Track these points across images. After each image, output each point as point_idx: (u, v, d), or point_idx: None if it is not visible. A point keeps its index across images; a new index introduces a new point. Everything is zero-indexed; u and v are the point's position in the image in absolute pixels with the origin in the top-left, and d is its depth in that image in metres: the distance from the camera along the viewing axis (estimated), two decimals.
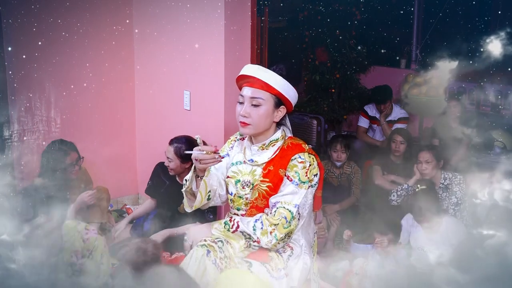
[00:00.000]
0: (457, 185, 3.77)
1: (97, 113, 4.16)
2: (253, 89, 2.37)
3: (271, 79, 2.36)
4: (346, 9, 5.69)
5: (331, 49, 5.71)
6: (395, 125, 4.95)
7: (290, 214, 2.33)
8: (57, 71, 3.88)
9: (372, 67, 5.98)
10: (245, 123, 2.37)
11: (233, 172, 2.52)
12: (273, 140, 2.44)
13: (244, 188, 2.47)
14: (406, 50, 6.05)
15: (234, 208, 2.52)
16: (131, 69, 4.29)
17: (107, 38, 4.06)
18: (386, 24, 5.93)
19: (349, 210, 4.21)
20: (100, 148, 4.08)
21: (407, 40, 6.04)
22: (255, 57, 3.62)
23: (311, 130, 5.33)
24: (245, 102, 2.38)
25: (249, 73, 2.39)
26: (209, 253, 2.28)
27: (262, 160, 2.44)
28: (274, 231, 2.32)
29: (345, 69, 5.75)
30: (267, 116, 2.38)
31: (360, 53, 5.73)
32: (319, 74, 5.74)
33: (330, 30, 5.66)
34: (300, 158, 2.38)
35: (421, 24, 5.95)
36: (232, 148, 2.59)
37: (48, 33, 3.75)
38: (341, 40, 5.68)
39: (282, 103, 2.41)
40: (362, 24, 5.80)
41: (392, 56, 6.11)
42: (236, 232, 2.37)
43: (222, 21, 3.42)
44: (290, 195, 2.35)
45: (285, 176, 2.38)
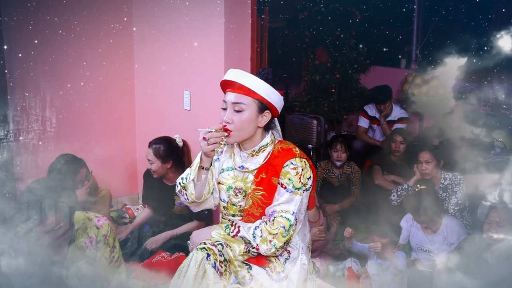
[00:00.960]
0: (457, 185, 3.76)
1: (95, 112, 4.10)
2: (236, 94, 2.30)
3: (253, 84, 2.29)
4: (346, 9, 5.68)
5: (331, 49, 5.69)
6: (395, 125, 4.93)
7: (288, 222, 2.29)
8: (53, 70, 3.81)
9: (372, 67, 5.94)
10: (227, 129, 2.28)
11: (224, 178, 2.46)
12: (262, 145, 2.38)
13: (237, 195, 2.42)
14: (407, 50, 6.03)
15: (228, 215, 2.47)
16: (129, 68, 4.24)
17: (104, 37, 4.00)
18: (386, 24, 5.91)
19: (349, 210, 4.21)
20: (99, 148, 4.02)
21: (408, 40, 6.02)
22: (255, 56, 3.60)
23: (311, 130, 5.32)
24: (228, 108, 2.31)
25: (231, 78, 2.32)
26: (209, 256, 2.25)
27: (253, 166, 2.38)
28: (274, 239, 2.29)
29: (345, 69, 5.74)
30: (250, 121, 2.30)
31: (360, 53, 5.72)
32: (319, 74, 5.72)
33: (330, 30, 5.65)
34: (292, 165, 2.31)
35: (421, 23, 5.91)
36: (222, 153, 2.51)
37: (44, 31, 3.69)
38: (341, 40, 5.67)
39: (267, 107, 2.34)
40: (362, 23, 5.78)
41: (392, 56, 6.07)
42: (236, 237, 2.33)
43: (222, 19, 3.38)
44: (286, 204, 2.31)
45: (279, 184, 2.33)
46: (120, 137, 4.32)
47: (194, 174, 2.38)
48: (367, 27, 5.83)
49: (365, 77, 5.97)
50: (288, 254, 2.43)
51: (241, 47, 3.52)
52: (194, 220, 3.56)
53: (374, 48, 5.89)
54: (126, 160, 4.41)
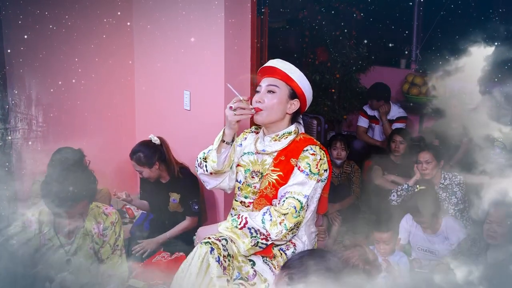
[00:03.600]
0: (457, 185, 3.74)
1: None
2: (271, 78, 2.48)
3: (289, 69, 2.46)
4: (346, 9, 5.67)
5: (331, 49, 5.67)
6: (394, 124, 4.88)
7: (299, 203, 2.34)
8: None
9: (372, 67, 5.90)
10: (258, 108, 2.42)
11: (243, 161, 2.57)
12: (286, 132, 2.50)
13: (253, 177, 2.51)
14: (407, 50, 6.04)
15: (241, 195, 2.54)
16: (124, 64, 4.04)
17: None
18: (386, 24, 5.90)
19: (349, 209, 4.20)
20: (95, 148, 3.78)
21: (408, 40, 6.01)
22: (255, 56, 3.59)
23: (311, 130, 5.32)
24: (261, 90, 2.46)
25: (270, 64, 2.50)
26: (213, 250, 2.26)
27: (274, 149, 2.49)
28: (284, 221, 2.32)
29: (345, 69, 5.73)
30: (279, 103, 2.44)
31: (360, 53, 5.71)
32: (319, 74, 5.69)
33: (330, 30, 5.63)
34: (311, 150, 2.42)
35: (421, 23, 5.89)
36: (246, 139, 2.66)
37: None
38: (341, 40, 5.66)
39: (297, 96, 2.48)
40: (362, 23, 5.78)
41: (392, 56, 6.06)
42: (243, 228, 2.35)
43: (222, 14, 3.31)
44: (300, 185, 2.37)
45: (296, 166, 2.41)
46: (118, 136, 4.17)
47: (216, 145, 2.46)
48: (367, 27, 5.74)
49: (365, 77, 5.96)
50: (294, 247, 2.45)
51: (241, 48, 3.49)
52: (186, 218, 3.51)
53: (374, 48, 5.86)
54: (126, 160, 4.36)
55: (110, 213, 2.76)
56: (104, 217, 2.72)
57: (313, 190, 2.39)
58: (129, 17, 3.98)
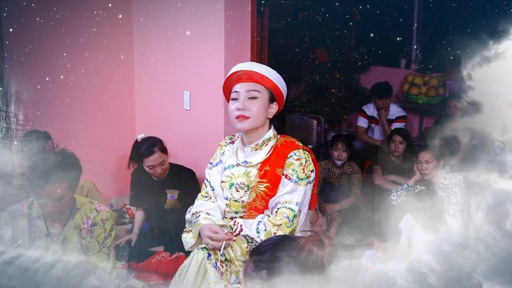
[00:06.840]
0: (457, 185, 3.73)
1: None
2: (249, 83, 2.33)
3: (266, 71, 2.35)
4: (346, 9, 5.66)
5: (331, 49, 5.65)
6: (394, 124, 4.86)
7: (292, 212, 2.28)
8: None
9: (372, 67, 5.90)
10: (244, 116, 2.29)
11: (226, 176, 2.45)
12: (265, 139, 2.39)
13: (238, 191, 2.40)
14: (407, 50, 6.03)
15: (231, 212, 2.43)
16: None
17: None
18: (386, 24, 5.90)
19: (349, 209, 4.19)
20: (92, 147, 3.68)
21: (408, 40, 6.00)
22: (255, 56, 3.59)
23: (311, 130, 5.28)
24: (240, 97, 2.31)
25: (243, 69, 2.36)
26: (210, 256, 2.24)
27: (257, 160, 2.37)
28: (278, 231, 2.26)
29: (345, 69, 5.72)
30: (263, 109, 2.32)
31: (360, 53, 5.70)
32: (319, 74, 5.68)
33: (330, 30, 5.62)
34: (295, 155, 2.33)
35: (421, 23, 5.90)
36: (224, 154, 2.52)
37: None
38: (341, 40, 5.65)
39: (274, 99, 2.38)
40: (362, 24, 5.77)
41: (392, 56, 6.06)
42: (238, 236, 2.29)
43: (222, 11, 3.30)
44: (290, 194, 2.30)
45: (283, 175, 2.33)
46: (117, 135, 4.05)
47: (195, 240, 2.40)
48: (367, 27, 5.70)
49: (365, 77, 5.96)
50: None
51: (241, 48, 3.49)
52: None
53: (374, 48, 5.85)
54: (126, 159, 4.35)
55: (102, 210, 2.69)
56: (95, 213, 2.66)
57: (304, 195, 2.33)
58: (120, 9, 3.78)
